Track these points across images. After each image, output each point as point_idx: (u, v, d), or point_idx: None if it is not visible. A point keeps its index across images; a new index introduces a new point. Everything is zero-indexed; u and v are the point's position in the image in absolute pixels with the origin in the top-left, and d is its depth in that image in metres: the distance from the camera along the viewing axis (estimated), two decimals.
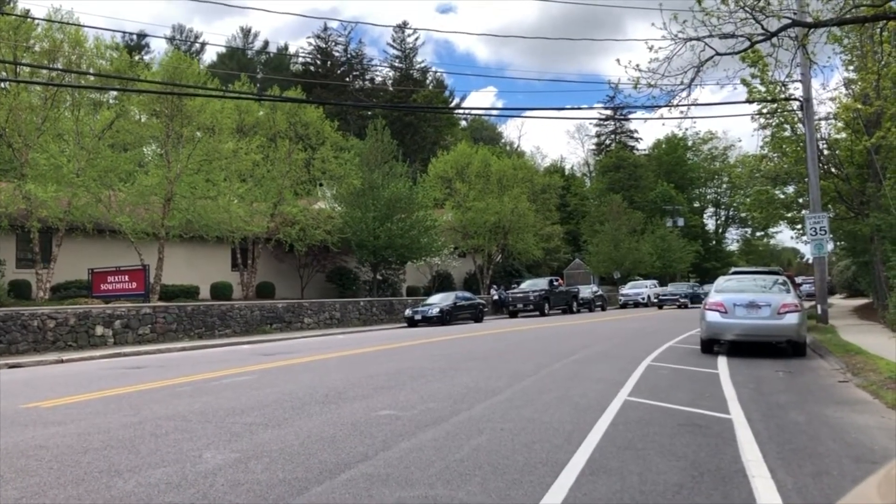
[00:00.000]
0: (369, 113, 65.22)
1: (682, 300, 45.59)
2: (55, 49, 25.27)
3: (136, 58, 34.43)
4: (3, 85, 25.15)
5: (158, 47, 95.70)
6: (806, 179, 22.66)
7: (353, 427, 6.97)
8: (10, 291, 24.33)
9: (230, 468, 5.47)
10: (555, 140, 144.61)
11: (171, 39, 75.29)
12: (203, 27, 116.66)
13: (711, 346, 14.14)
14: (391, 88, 78.89)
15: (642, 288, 51.03)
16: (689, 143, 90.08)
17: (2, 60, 23.60)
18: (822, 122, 24.95)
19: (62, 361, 16.82)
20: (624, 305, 48.94)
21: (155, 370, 13.63)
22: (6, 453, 6.23)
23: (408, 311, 31.76)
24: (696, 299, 45.67)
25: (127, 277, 24.20)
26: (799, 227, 28.04)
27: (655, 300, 47.84)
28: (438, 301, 32.44)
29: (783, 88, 21.63)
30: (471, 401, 8.44)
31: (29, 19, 26.32)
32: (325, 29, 77.51)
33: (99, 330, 20.50)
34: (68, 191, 24.09)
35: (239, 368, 13.11)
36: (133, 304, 22.32)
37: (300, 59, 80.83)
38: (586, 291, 45.14)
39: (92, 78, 26.23)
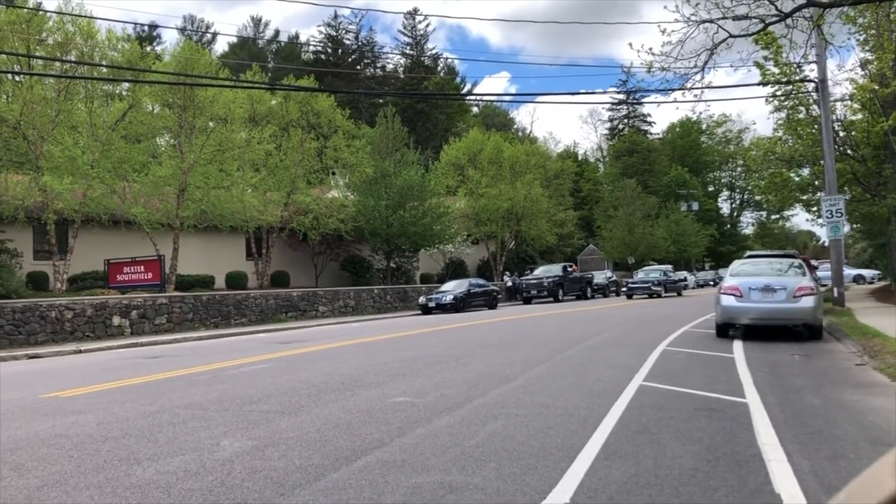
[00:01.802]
0: (381, 101, 65.12)
1: (654, 288, 38.08)
2: (67, 41, 25.39)
3: (148, 49, 34.49)
4: (17, 78, 25.30)
5: (170, 38, 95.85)
6: (821, 161, 22.45)
7: (368, 414, 7.01)
8: (28, 283, 24.58)
9: (247, 455, 5.52)
10: (567, 125, 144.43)
11: (182, 30, 75.43)
12: (215, 16, 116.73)
13: (727, 330, 14.08)
14: (402, 76, 78.72)
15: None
16: (703, 127, 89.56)
17: (15, 53, 23.72)
18: (838, 104, 24.70)
19: (80, 352, 16.99)
20: None
21: (172, 359, 13.75)
22: (27, 442, 6.31)
23: (422, 299, 31.82)
24: (671, 287, 40.41)
25: (143, 268, 24.39)
26: (815, 209, 27.79)
27: (624, 289, 40.30)
28: (452, 288, 32.48)
29: (798, 70, 21.42)
30: (485, 387, 8.45)
31: (41, 12, 26.44)
32: (336, 17, 77.44)
33: (116, 320, 20.68)
34: (83, 182, 24.27)
35: (255, 357, 13.20)
36: (149, 295, 22.49)
37: (311, 48, 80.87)
38: (600, 277, 45.03)
39: (104, 70, 26.35)
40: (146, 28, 70.15)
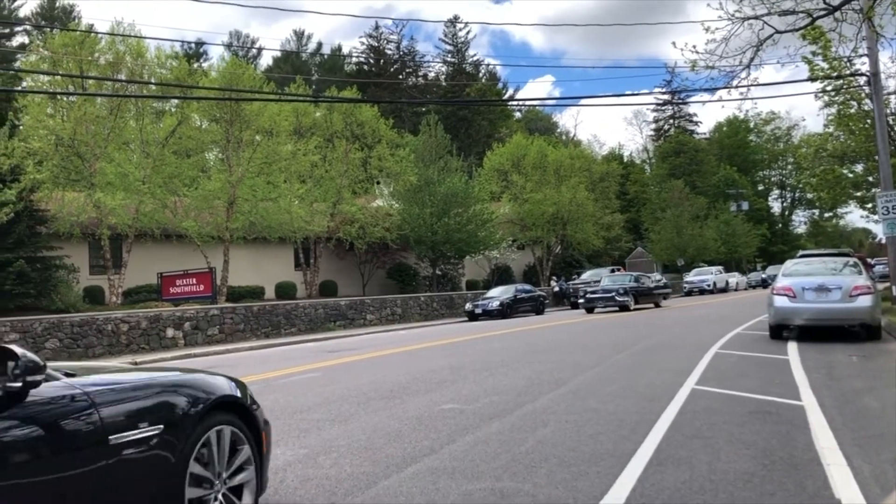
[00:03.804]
0: (423, 109, 65.44)
1: (619, 299, 29.32)
2: (118, 61, 26.08)
3: (195, 65, 35.27)
4: (71, 98, 26.05)
5: (216, 54, 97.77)
6: (876, 157, 21.83)
7: (417, 421, 7.03)
8: (84, 297, 25.26)
9: (299, 464, 5.59)
10: (612, 127, 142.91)
11: (228, 46, 76.83)
12: (260, 31, 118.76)
13: (780, 331, 13.79)
14: (444, 84, 79.01)
15: (708, 275, 50.26)
16: (752, 125, 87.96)
17: (70, 75, 24.45)
18: (892, 97, 23.98)
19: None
20: (689, 293, 48.22)
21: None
22: None
23: (468, 305, 31.78)
24: (644, 295, 31.54)
25: (195, 280, 24.83)
26: (870, 206, 27.02)
27: (581, 301, 31.47)
28: (498, 294, 32.39)
29: (848, 64, 20.88)
30: (534, 393, 8.41)
31: (92, 34, 27.22)
32: (377, 28, 78.03)
33: (170, 332, 21.10)
34: (135, 198, 24.87)
35: (305, 366, 13.34)
36: (201, 306, 22.88)
37: (353, 59, 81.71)
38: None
39: (154, 87, 26.97)
40: (193, 45, 71.65)
